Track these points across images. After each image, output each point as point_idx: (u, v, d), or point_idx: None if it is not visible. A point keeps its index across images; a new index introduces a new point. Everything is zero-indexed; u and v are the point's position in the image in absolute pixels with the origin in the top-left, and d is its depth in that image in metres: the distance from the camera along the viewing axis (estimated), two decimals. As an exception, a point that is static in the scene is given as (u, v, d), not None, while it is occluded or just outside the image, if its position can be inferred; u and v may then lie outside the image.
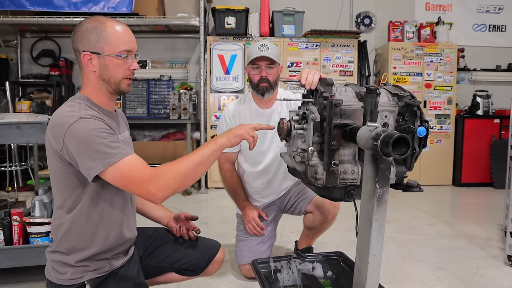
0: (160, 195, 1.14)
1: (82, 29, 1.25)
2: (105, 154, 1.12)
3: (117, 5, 4.56)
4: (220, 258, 1.63)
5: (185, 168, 1.18)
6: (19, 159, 4.72)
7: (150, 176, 1.14)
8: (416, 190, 1.18)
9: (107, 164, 1.12)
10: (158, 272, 1.56)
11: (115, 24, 1.27)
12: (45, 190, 2.16)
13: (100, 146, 1.12)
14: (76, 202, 1.24)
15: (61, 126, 1.15)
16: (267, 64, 2.03)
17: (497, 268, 2.41)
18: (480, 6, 5.71)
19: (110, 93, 1.31)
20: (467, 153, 5.11)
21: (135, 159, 1.16)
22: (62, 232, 1.27)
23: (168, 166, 1.18)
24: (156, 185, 1.13)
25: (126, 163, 1.13)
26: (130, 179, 1.14)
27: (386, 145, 0.88)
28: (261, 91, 2.06)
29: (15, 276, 2.19)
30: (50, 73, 5.08)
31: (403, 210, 3.82)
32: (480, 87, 5.49)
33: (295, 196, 2.25)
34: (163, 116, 5.14)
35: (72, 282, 1.26)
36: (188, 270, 1.57)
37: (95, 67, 1.25)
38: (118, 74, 1.27)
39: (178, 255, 1.55)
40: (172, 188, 1.15)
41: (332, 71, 4.96)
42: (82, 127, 1.13)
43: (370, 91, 1.11)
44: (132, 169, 1.14)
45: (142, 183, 1.13)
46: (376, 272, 1.05)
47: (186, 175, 1.18)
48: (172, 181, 1.15)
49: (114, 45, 1.25)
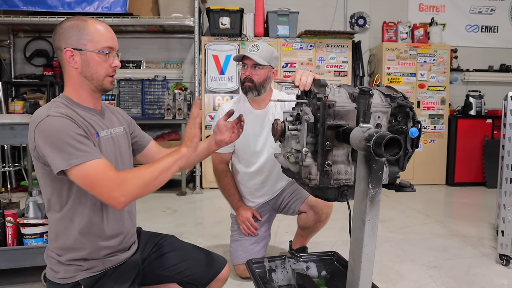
0: (122, 200, 1.14)
1: (64, 27, 1.26)
2: (69, 154, 1.12)
3: (111, 5, 4.54)
4: (225, 276, 1.59)
5: (148, 176, 1.18)
6: (13, 160, 4.69)
7: (113, 179, 1.14)
8: (408, 190, 1.19)
9: (69, 165, 1.12)
10: (160, 280, 1.52)
11: (96, 23, 1.28)
12: (39, 191, 2.15)
13: (64, 145, 1.12)
14: (62, 201, 1.24)
15: (32, 124, 1.17)
16: (253, 65, 2.03)
17: (488, 266, 2.44)
18: (472, 7, 5.77)
19: (92, 90, 1.30)
20: (460, 153, 5.15)
21: (100, 162, 1.15)
22: (52, 232, 1.27)
23: (131, 172, 1.19)
24: (118, 190, 1.13)
25: (90, 166, 1.13)
26: (93, 181, 1.13)
27: (378, 146, 0.89)
28: (244, 90, 2.07)
29: (9, 278, 2.17)
30: (43, 73, 5.06)
31: (397, 209, 3.85)
32: (473, 88, 5.54)
33: (289, 196, 2.26)
34: (157, 116, 5.13)
35: (66, 281, 1.26)
36: (190, 284, 1.53)
37: (77, 63, 1.25)
38: (100, 71, 1.27)
39: (183, 266, 1.51)
40: (134, 194, 1.16)
41: (327, 72, 4.98)
42: (48, 125, 1.14)
43: (363, 92, 1.12)
44: (96, 171, 1.14)
45: (105, 187, 1.13)
46: (369, 272, 1.06)
47: (148, 183, 1.18)
48: (135, 187, 1.15)
49: (96, 42, 1.25)
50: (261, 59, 2.00)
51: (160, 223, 3.32)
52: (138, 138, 1.57)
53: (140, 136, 1.57)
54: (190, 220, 3.50)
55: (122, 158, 1.40)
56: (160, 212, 3.77)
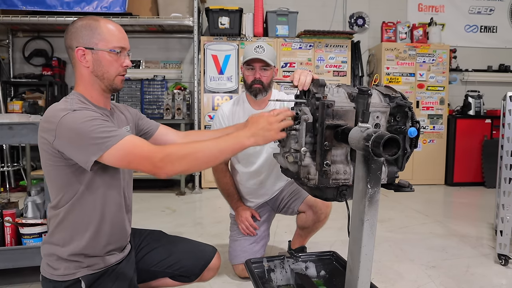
0: (166, 170, 1.14)
1: (76, 26, 1.26)
2: (103, 139, 1.12)
3: (111, 5, 4.54)
4: (216, 265, 1.60)
5: (198, 154, 1.17)
6: (11, 160, 4.69)
7: (155, 150, 1.14)
8: (407, 190, 1.19)
9: (106, 148, 1.12)
10: (151, 276, 1.53)
11: (108, 22, 1.29)
12: (38, 191, 2.14)
13: (96, 132, 1.13)
14: (71, 194, 1.24)
15: (53, 118, 1.16)
16: (262, 66, 2.03)
17: (487, 266, 2.44)
18: (471, 7, 5.77)
19: (103, 90, 1.31)
20: (459, 153, 5.16)
21: (135, 138, 1.18)
22: (56, 222, 1.27)
23: (180, 145, 1.19)
24: (163, 160, 1.13)
25: (127, 142, 1.14)
26: (134, 154, 1.14)
27: (377, 145, 0.89)
28: (254, 92, 2.07)
29: (7, 278, 2.17)
30: (42, 73, 5.05)
31: (396, 209, 3.85)
32: (472, 88, 5.55)
33: (288, 196, 2.26)
34: (156, 116, 5.12)
35: (66, 278, 1.25)
36: (182, 276, 1.54)
37: (88, 62, 1.26)
38: (111, 70, 1.28)
39: (172, 260, 1.52)
40: (177, 168, 1.15)
41: (326, 72, 4.98)
42: (75, 118, 1.14)
43: (362, 92, 1.12)
44: (134, 146, 1.15)
45: (147, 158, 1.13)
46: (368, 271, 1.06)
47: (196, 162, 1.18)
48: (179, 161, 1.15)
49: (108, 41, 1.26)
50: (269, 60, 2.01)
51: (159, 223, 3.32)
52: (145, 126, 1.58)
53: (146, 126, 1.58)
54: (189, 220, 3.50)
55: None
56: (159, 212, 3.77)
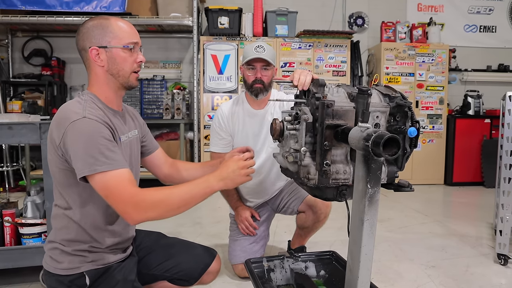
0: (136, 218, 1.13)
1: (87, 27, 1.26)
2: (95, 160, 1.11)
3: (110, 5, 4.53)
4: (215, 269, 1.58)
5: (170, 201, 1.16)
6: (11, 160, 4.68)
7: (131, 196, 1.12)
8: (407, 190, 1.19)
9: (93, 171, 1.11)
10: (149, 280, 1.51)
11: (118, 20, 1.30)
12: (37, 191, 2.14)
13: (94, 150, 1.12)
14: (76, 194, 1.24)
15: (64, 120, 1.16)
16: (262, 66, 2.03)
17: (487, 266, 2.44)
18: (471, 7, 5.78)
19: (118, 88, 1.31)
20: (459, 153, 5.16)
21: (123, 173, 1.14)
22: (60, 225, 1.26)
23: (153, 192, 1.16)
24: (134, 207, 1.12)
25: (113, 176, 1.12)
26: (112, 193, 1.12)
27: (377, 145, 0.89)
28: (255, 92, 2.06)
29: (7, 278, 2.17)
30: (41, 73, 5.04)
31: (396, 209, 3.85)
32: (471, 87, 5.56)
33: (288, 196, 2.26)
34: (156, 116, 5.13)
35: (70, 272, 1.24)
36: (181, 280, 1.52)
37: (103, 61, 1.26)
38: (126, 67, 1.29)
39: (170, 263, 1.51)
40: (149, 216, 1.14)
41: (325, 71, 4.98)
42: (84, 126, 1.14)
43: (362, 92, 1.12)
44: (117, 183, 1.12)
45: (121, 201, 1.12)
46: (368, 271, 1.06)
47: (167, 208, 1.16)
48: (151, 209, 1.14)
49: (120, 38, 1.27)
50: (270, 59, 2.02)
51: (158, 223, 3.27)
52: (147, 143, 1.56)
53: (149, 141, 1.57)
54: (189, 220, 3.49)
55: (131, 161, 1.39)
56: (159, 212, 3.76)
